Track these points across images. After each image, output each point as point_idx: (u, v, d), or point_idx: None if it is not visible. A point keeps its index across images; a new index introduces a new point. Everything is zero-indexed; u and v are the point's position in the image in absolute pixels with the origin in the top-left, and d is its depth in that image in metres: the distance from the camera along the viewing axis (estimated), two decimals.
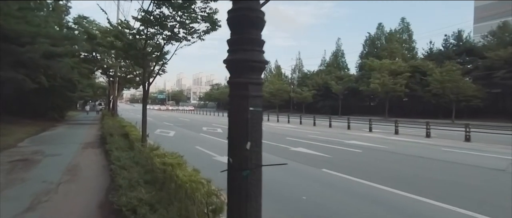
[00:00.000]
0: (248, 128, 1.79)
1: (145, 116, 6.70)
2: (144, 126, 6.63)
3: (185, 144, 11.99)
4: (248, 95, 1.76)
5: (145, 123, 6.65)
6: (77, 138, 12.08)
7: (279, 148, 10.65)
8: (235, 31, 1.72)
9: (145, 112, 6.73)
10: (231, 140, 1.84)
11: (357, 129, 17.93)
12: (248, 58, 1.73)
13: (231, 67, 1.79)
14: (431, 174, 6.65)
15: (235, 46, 1.77)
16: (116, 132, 9.95)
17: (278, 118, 26.32)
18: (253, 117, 1.80)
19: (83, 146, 9.60)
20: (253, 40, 1.76)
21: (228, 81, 1.85)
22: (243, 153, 1.80)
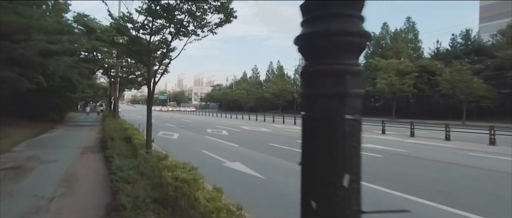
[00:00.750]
0: (345, 149, 1.02)
1: (150, 118, 5.99)
2: (149, 130, 5.93)
3: (190, 148, 11.29)
4: (346, 94, 0.98)
5: (150, 126, 5.95)
6: (76, 141, 11.38)
7: (294, 152, 9.92)
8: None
9: (150, 114, 6.01)
10: (311, 168, 1.09)
11: (367, 131, 17.15)
12: (345, 30, 0.96)
13: (309, 48, 1.02)
14: (474, 184, 5.92)
15: (318, 11, 0.99)
16: (117, 135, 9.25)
17: (284, 119, 25.58)
18: (352, 130, 1.03)
19: (82, 151, 8.90)
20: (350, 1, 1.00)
21: (302, 72, 1.07)
22: (335, 191, 1.03)
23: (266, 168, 7.61)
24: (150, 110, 6.04)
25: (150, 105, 6.08)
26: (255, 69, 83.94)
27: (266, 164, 8.18)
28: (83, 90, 37.57)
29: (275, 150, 10.56)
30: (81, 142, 11.02)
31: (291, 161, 8.39)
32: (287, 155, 9.35)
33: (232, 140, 13.13)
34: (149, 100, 6.06)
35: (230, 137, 14.53)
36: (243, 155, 9.52)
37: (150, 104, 6.08)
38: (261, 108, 59.67)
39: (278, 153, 9.77)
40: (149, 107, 6.06)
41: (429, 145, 11.54)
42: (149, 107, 6.06)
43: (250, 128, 19.71)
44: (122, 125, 12.47)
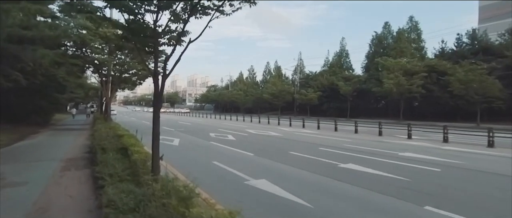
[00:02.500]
0: None
1: (158, 126, 4.20)
2: (156, 143, 4.14)
3: (197, 158, 9.48)
4: None
5: (157, 138, 4.16)
6: (58, 150, 9.45)
7: (324, 164, 8.22)
8: None
9: (158, 119, 4.23)
10: None
11: (390, 135, 15.63)
12: None
13: None
14: None
15: None
16: (110, 144, 7.39)
17: (291, 121, 23.88)
18: None
19: (63, 166, 7.01)
20: None
21: None
22: None
23: (304, 189, 5.88)
24: (157, 113, 4.24)
25: (158, 107, 4.28)
26: (251, 70, 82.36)
27: (301, 182, 6.45)
28: (72, 91, 35.32)
29: (300, 160, 8.85)
30: (65, 152, 9.10)
31: (329, 177, 6.69)
32: (318, 168, 7.64)
33: (243, 147, 11.36)
34: (157, 99, 4.25)
35: (239, 143, 12.76)
36: (265, 168, 7.78)
37: (157, 106, 4.28)
38: (259, 109, 57.96)
39: (306, 165, 8.05)
40: (156, 110, 4.26)
41: (476, 153, 9.99)
42: (156, 110, 4.26)
43: (256, 132, 17.97)
44: (116, 130, 10.57)
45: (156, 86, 4.25)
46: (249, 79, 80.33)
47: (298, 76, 57.65)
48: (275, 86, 52.59)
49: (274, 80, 57.90)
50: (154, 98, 4.28)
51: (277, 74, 66.76)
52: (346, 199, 5.31)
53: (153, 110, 4.29)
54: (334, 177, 6.71)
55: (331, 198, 5.38)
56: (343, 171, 7.42)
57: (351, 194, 5.51)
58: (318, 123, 20.20)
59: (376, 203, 4.94)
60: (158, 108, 4.28)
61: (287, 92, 51.43)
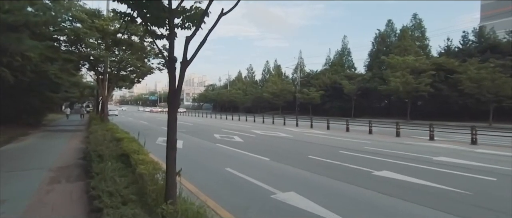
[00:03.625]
0: None
1: (174, 133, 3.10)
2: (172, 157, 3.04)
3: (207, 163, 8.38)
4: None
5: (173, 150, 3.06)
6: (48, 156, 8.29)
7: (354, 171, 7.17)
8: None
9: (174, 125, 3.12)
10: None
11: (406, 136, 14.66)
12: None
13: None
14: None
15: None
16: (108, 150, 6.28)
17: (297, 121, 22.82)
18: None
19: (52, 177, 5.87)
20: None
21: None
22: None
23: (344, 204, 4.86)
24: (173, 115, 3.13)
25: (175, 106, 3.17)
26: (250, 69, 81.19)
27: (336, 194, 5.41)
28: (67, 90, 33.93)
29: (324, 166, 7.79)
30: (55, 158, 7.94)
31: (368, 188, 5.64)
32: (349, 176, 6.59)
33: (254, 150, 10.29)
34: (174, 95, 3.14)
35: (248, 145, 11.68)
36: (288, 177, 6.72)
37: (174, 104, 3.16)
38: (259, 109, 56.86)
39: (334, 172, 7.00)
40: (172, 111, 3.14)
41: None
42: (172, 111, 3.14)
43: (264, 132, 16.89)
44: (114, 132, 9.45)
45: (173, 77, 3.14)
46: (248, 78, 79.19)
47: (299, 75, 56.60)
48: (276, 85, 51.50)
49: (275, 79, 56.78)
50: (170, 94, 3.16)
51: (277, 73, 65.66)
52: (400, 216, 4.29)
53: (168, 109, 3.18)
54: (373, 188, 5.67)
55: (382, 216, 4.36)
56: (380, 180, 6.38)
57: (404, 211, 4.48)
58: (327, 123, 19.15)
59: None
60: (175, 107, 3.17)
61: (288, 91, 50.37)
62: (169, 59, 3.15)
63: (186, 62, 3.04)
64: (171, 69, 3.13)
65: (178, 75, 3.11)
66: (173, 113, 3.14)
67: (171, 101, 3.15)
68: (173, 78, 3.15)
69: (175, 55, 3.19)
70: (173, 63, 3.13)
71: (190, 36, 3.09)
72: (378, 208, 4.66)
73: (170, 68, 3.13)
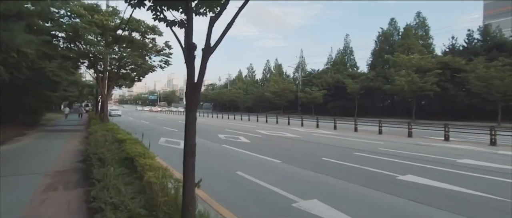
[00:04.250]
0: None
1: (193, 137, 2.53)
2: (190, 165, 2.48)
3: (215, 166, 7.82)
4: None
5: (192, 157, 2.49)
6: (44, 159, 7.72)
7: (375, 175, 6.62)
8: None
9: (193, 128, 2.55)
10: None
11: (418, 136, 14.13)
12: None
13: None
14: None
15: None
16: (110, 153, 5.72)
17: (302, 121, 22.24)
18: None
19: (48, 183, 5.29)
20: None
21: None
22: None
23: (374, 214, 4.33)
24: (192, 115, 2.56)
25: (194, 103, 2.60)
26: (250, 68, 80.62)
27: (363, 202, 4.87)
28: (66, 89, 33.28)
29: (341, 170, 7.24)
30: (52, 161, 7.36)
31: (395, 195, 5.10)
32: (371, 181, 6.04)
33: (263, 151, 9.73)
34: (193, 91, 2.56)
35: (256, 146, 11.12)
36: (305, 181, 6.17)
37: (193, 101, 2.59)
38: (260, 108, 56.31)
39: (354, 177, 6.46)
40: (190, 110, 2.58)
41: None
42: (190, 110, 2.58)
43: (269, 133, 16.33)
44: (115, 133, 8.87)
45: (191, 69, 2.56)
46: (248, 77, 78.63)
47: (300, 74, 56.05)
48: (278, 85, 50.91)
49: (276, 78, 56.17)
50: (188, 90, 2.59)
51: (278, 72, 65.10)
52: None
53: (186, 107, 2.60)
54: (402, 195, 5.14)
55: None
56: (407, 185, 5.83)
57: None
58: (334, 123, 18.60)
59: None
60: (195, 105, 2.60)
61: (290, 90, 49.79)
62: (187, 46, 2.58)
63: (210, 49, 2.47)
64: (190, 59, 2.56)
65: (199, 66, 2.54)
66: (192, 113, 2.57)
67: (189, 98, 2.57)
68: (192, 70, 2.57)
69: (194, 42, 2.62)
70: (192, 51, 2.56)
71: (215, 16, 2.52)
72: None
73: (188, 58, 2.56)
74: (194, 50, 2.60)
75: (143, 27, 14.35)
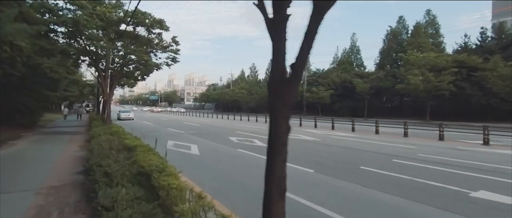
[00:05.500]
0: None
1: (282, 170, 1.43)
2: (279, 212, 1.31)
3: (237, 177, 6.67)
4: None
5: (282, 199, 1.44)
6: (38, 170, 6.56)
7: (440, 191, 5.46)
8: None
9: (284, 150, 1.41)
10: None
11: (450, 139, 12.96)
12: None
13: None
14: None
15: None
16: (118, 165, 4.56)
17: (316, 123, 21.02)
18: None
19: (38, 206, 4.13)
20: None
21: None
22: None
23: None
24: (282, 129, 1.42)
25: (285, 110, 1.45)
26: (253, 68, 79.52)
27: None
28: (66, 89, 32.16)
29: (390, 182, 6.10)
30: (47, 172, 6.21)
31: (470, 216, 3.95)
32: (436, 197, 4.89)
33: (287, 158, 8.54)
34: (285, 82, 1.41)
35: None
36: (355, 199, 5.04)
37: (287, 101, 1.44)
38: (264, 109, 55.09)
39: (413, 192, 5.32)
40: (279, 119, 1.43)
41: None
42: (279, 119, 1.43)
43: None
44: (121, 137, 7.71)
45: (281, 48, 1.39)
46: (251, 77, 77.52)
47: (305, 73, 54.83)
48: None
49: None
50: (275, 80, 1.42)
51: None
52: None
53: (270, 110, 1.44)
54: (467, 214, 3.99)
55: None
56: (487, 205, 4.68)
57: None
58: (352, 125, 17.43)
59: None
60: (288, 105, 1.44)
61: None
62: (276, 10, 1.41)
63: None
64: (279, 30, 1.38)
65: (304, 39, 1.37)
66: (283, 119, 1.41)
67: (278, 90, 1.41)
68: (281, 49, 1.40)
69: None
70: (283, 20, 1.39)
71: None
72: None
73: (275, 28, 1.38)
74: (285, 20, 1.43)
75: (149, 21, 13.20)
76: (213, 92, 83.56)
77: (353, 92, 38.83)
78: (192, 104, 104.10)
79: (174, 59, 15.60)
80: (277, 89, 1.37)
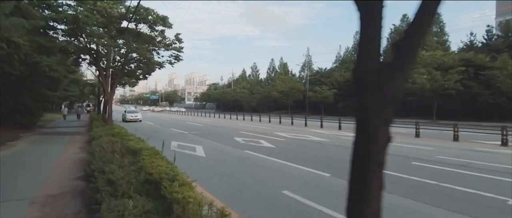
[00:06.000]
0: None
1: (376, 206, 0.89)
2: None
3: (248, 181, 6.22)
4: None
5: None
6: (35, 174, 6.12)
7: (472, 198, 5.01)
8: None
9: (379, 194, 0.92)
10: None
11: (465, 140, 12.49)
12: None
13: None
14: None
15: None
16: (122, 171, 4.11)
17: (322, 122, 20.49)
18: None
19: (35, 216, 3.68)
20: None
21: None
22: None
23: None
24: (382, 137, 0.94)
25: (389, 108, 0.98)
26: (254, 67, 78.94)
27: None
28: (66, 88, 31.71)
29: (411, 186, 5.66)
30: (45, 177, 5.77)
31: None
32: (470, 206, 4.43)
33: (298, 160, 8.11)
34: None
35: (286, 154, 9.51)
36: (385, 208, 4.55)
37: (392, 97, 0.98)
38: (266, 108, 54.60)
39: (440, 199, 4.88)
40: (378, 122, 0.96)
41: None
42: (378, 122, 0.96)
43: (292, 136, 14.70)
44: (123, 138, 7.25)
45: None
46: (252, 77, 77.00)
47: (307, 73, 54.36)
48: (285, 84, 49.22)
49: (284, 77, 54.45)
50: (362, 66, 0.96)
51: (283, 71, 63.40)
52: None
53: (357, 113, 0.98)
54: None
55: None
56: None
57: None
58: None
59: None
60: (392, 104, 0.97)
61: (298, 90, 48.09)
62: None
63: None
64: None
65: None
66: (382, 132, 0.94)
67: (374, 82, 0.94)
68: (377, 17, 0.94)
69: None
70: None
71: None
72: None
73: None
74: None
75: (153, 17, 12.73)
76: (214, 91, 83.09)
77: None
78: (193, 104, 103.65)
79: (177, 57, 15.11)
80: (373, 80, 0.91)
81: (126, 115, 27.19)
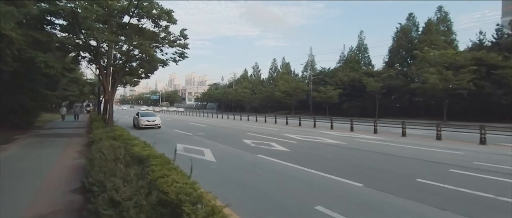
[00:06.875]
0: None
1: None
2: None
3: (269, 191, 5.38)
4: None
5: None
6: (26, 185, 5.28)
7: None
8: None
9: None
10: None
11: (492, 143, 11.65)
12: None
13: None
14: None
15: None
16: (129, 187, 3.26)
17: (332, 123, 19.55)
18: None
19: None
20: None
21: None
22: None
23: None
24: None
25: None
26: (256, 67, 78.13)
27: None
28: (65, 88, 30.88)
29: (457, 198, 4.83)
30: (36, 189, 4.93)
31: None
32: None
33: (321, 167, 7.25)
34: None
35: (305, 159, 8.67)
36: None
37: None
38: (268, 108, 53.74)
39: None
40: None
41: None
42: None
43: (304, 138, 13.84)
44: (127, 142, 6.40)
45: None
46: (253, 76, 76.20)
47: (310, 72, 53.53)
48: (288, 84, 48.35)
49: (287, 77, 53.59)
50: None
51: (286, 71, 62.55)
52: None
53: None
54: None
55: None
56: None
57: None
58: (374, 126, 16.12)
59: None
60: None
61: (302, 90, 47.23)
62: None
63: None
64: None
65: None
66: None
67: None
68: None
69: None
70: None
71: None
72: None
73: None
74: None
75: (157, 11, 11.89)
76: (215, 91, 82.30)
77: (363, 91, 37.50)
78: (194, 104, 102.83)
79: (182, 55, 14.23)
80: None
81: (139, 120, 19.28)
